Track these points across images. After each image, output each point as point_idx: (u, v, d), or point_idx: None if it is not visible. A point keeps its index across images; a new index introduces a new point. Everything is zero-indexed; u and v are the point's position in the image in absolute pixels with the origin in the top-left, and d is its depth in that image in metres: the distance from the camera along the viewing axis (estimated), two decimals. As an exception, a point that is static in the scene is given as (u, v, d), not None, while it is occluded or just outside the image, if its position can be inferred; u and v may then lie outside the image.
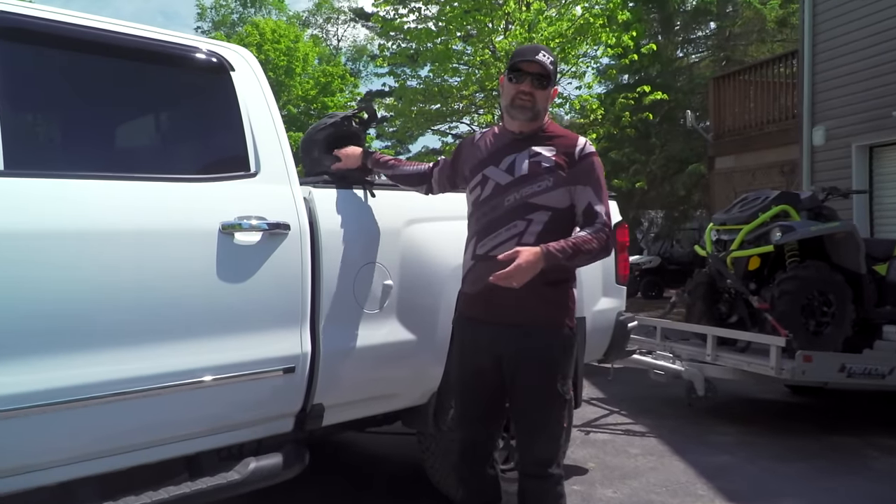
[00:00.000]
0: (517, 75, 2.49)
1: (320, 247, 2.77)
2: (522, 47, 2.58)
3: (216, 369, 2.45)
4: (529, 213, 2.44)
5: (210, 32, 32.76)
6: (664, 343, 6.05)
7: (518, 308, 2.44)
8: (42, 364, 2.09)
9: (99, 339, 2.21)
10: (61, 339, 2.14)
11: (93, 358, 2.19)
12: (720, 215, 6.04)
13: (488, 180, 2.52)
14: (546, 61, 2.47)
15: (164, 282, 2.34)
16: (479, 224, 2.53)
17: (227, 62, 2.70)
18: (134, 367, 2.28)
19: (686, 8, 16.82)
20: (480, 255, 2.50)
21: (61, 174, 2.22)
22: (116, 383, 2.24)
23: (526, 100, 2.47)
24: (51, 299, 2.12)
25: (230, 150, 2.69)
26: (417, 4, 14.51)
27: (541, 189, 2.44)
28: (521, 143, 2.53)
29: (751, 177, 11.99)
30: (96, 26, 2.40)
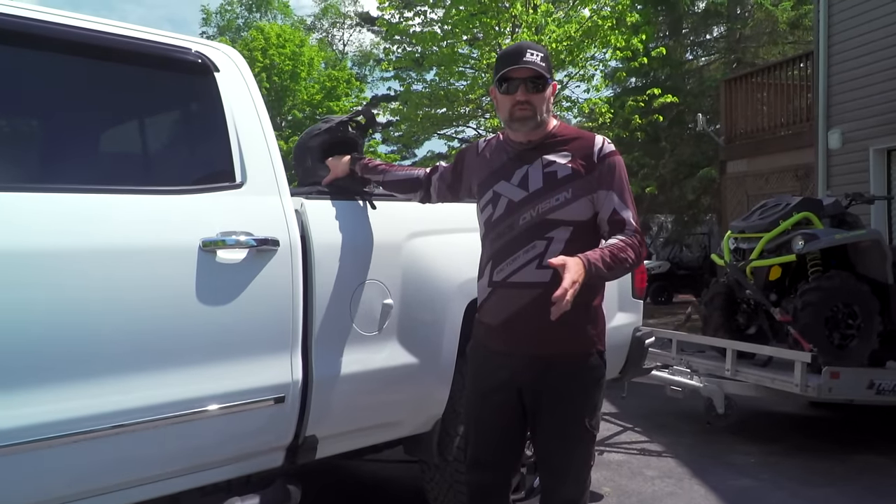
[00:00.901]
0: (508, 85, 2.20)
1: (313, 264, 2.53)
2: (505, 51, 2.28)
3: (194, 402, 2.21)
4: (548, 230, 2.17)
5: (215, 37, 32.65)
6: (680, 356, 5.79)
7: (540, 336, 2.17)
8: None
9: (57, 373, 1.97)
10: (13, 373, 1.90)
11: (50, 394, 1.95)
12: (738, 223, 5.78)
13: (500, 197, 2.24)
14: (536, 59, 2.17)
15: (134, 306, 2.10)
16: (494, 246, 2.25)
17: (211, 62, 2.47)
18: (100, 403, 2.04)
19: (696, 10, 16.55)
20: (498, 282, 2.23)
21: (14, 187, 1.99)
22: (80, 421, 2.00)
23: (525, 109, 2.19)
24: (6, 325, 1.89)
25: (213, 158, 2.45)
26: (423, 8, 14.34)
27: (559, 203, 2.16)
28: (531, 152, 2.25)
29: (764, 181, 11.72)
30: (57, 21, 2.15)
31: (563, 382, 2.19)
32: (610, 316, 3.70)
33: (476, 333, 2.41)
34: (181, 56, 2.41)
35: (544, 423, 2.22)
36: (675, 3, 15.24)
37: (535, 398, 2.22)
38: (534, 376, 2.20)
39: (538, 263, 2.15)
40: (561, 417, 2.20)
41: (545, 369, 2.19)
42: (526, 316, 2.16)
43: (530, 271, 2.16)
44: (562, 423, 2.20)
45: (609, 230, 2.20)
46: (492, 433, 2.32)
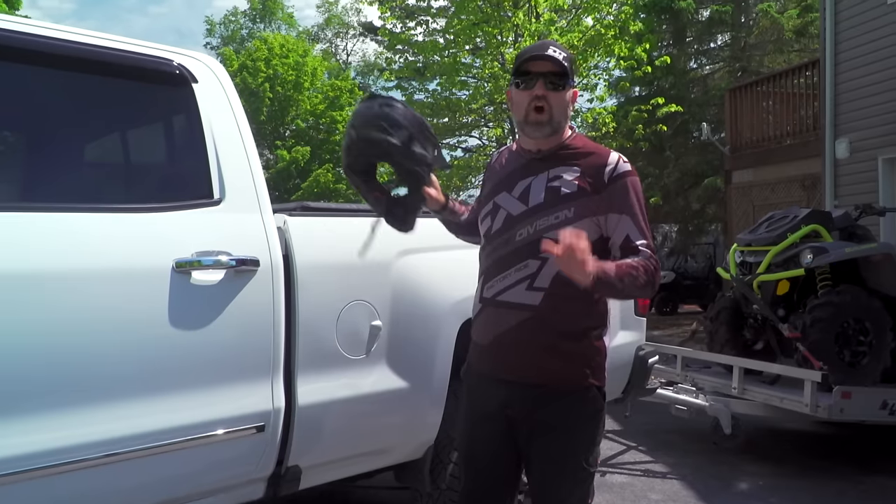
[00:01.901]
0: (526, 79, 2.00)
1: (296, 284, 2.40)
2: (526, 47, 2.08)
3: (167, 432, 2.09)
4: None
5: (219, 48, 32.70)
6: (685, 373, 5.63)
7: (532, 363, 1.99)
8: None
9: (20, 404, 1.84)
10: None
11: (14, 426, 1.82)
12: (745, 235, 5.63)
13: (499, 209, 2.06)
14: (559, 56, 1.97)
15: (102, 331, 1.98)
16: (489, 261, 2.08)
17: (188, 72, 2.34)
18: (63, 435, 1.91)
19: (700, 18, 16.43)
20: (488, 299, 2.06)
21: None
22: (47, 454, 1.88)
23: (541, 111, 1.98)
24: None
25: (189, 173, 2.33)
26: (425, 17, 14.27)
27: (559, 221, 1.95)
28: (539, 163, 2.06)
29: (770, 191, 11.57)
30: (29, 32, 2.03)
31: (556, 417, 1.99)
32: (611, 334, 3.57)
33: (470, 354, 2.21)
34: (156, 66, 2.29)
35: (537, 461, 2.04)
36: (678, 11, 15.11)
37: (527, 432, 2.04)
38: (525, 408, 2.01)
39: (529, 284, 1.97)
40: (555, 456, 2.01)
41: (536, 401, 2.00)
42: (513, 339, 1.99)
43: (520, 292, 1.98)
44: (556, 462, 2.01)
45: (621, 258, 1.98)
46: (484, 465, 2.14)
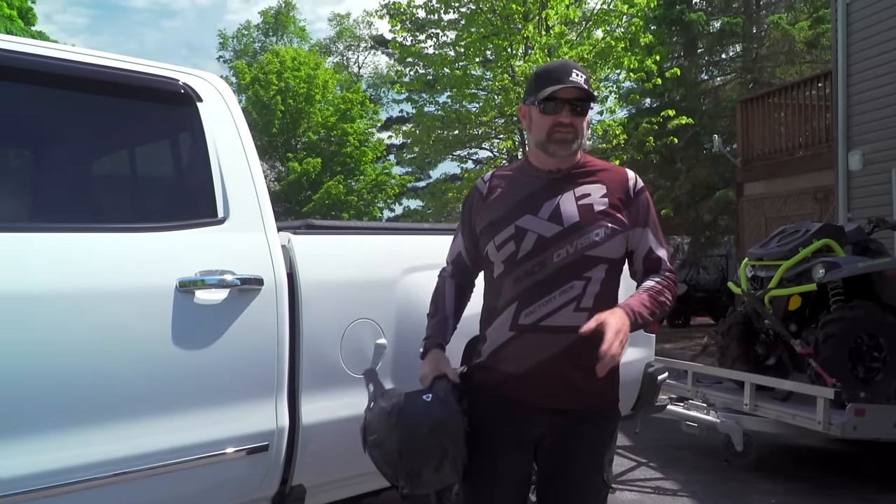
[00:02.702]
0: (551, 105, 1.98)
1: (301, 303, 2.39)
2: (548, 67, 2.06)
3: (170, 452, 2.07)
4: (587, 269, 1.96)
5: (232, 61, 32.95)
6: (696, 388, 5.57)
7: (571, 386, 1.98)
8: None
9: (25, 424, 1.84)
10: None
11: (13, 448, 1.82)
12: (756, 250, 5.58)
13: (526, 233, 1.98)
14: (582, 81, 1.98)
15: (107, 351, 1.97)
16: (521, 286, 1.98)
17: (193, 91, 2.35)
18: (73, 454, 1.91)
19: (710, 30, 16.41)
20: (527, 326, 1.96)
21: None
22: (51, 475, 1.87)
23: (567, 132, 1.98)
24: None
25: (194, 192, 2.33)
26: (435, 30, 14.34)
27: (599, 239, 1.96)
28: (559, 183, 2.03)
29: (782, 203, 11.49)
30: (32, 52, 2.04)
31: (587, 438, 2.02)
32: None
33: (482, 380, 2.08)
34: (161, 86, 2.30)
35: (562, 481, 2.03)
36: (689, 23, 15.10)
37: (552, 454, 2.03)
38: (556, 432, 2.01)
39: (576, 306, 1.94)
40: (581, 473, 2.02)
41: (571, 425, 2.00)
42: (558, 363, 1.95)
43: (567, 314, 1.94)
44: (582, 481, 2.03)
45: (644, 269, 2.06)
46: (497, 489, 2.05)
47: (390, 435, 1.95)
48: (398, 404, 1.98)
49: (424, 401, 1.96)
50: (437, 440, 1.92)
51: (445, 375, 2.01)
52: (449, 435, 1.93)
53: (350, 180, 25.35)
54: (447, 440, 1.93)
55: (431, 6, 13.45)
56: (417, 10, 13.71)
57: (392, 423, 1.95)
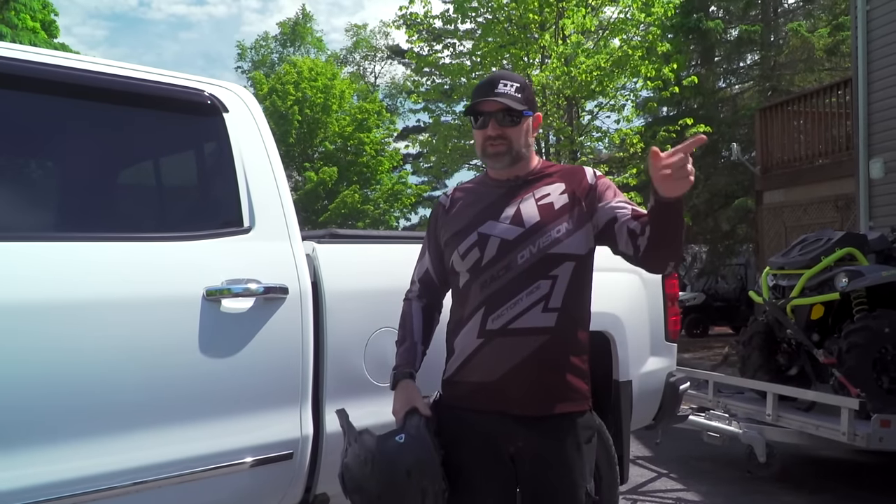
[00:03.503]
0: (477, 120, 2.01)
1: (325, 312, 2.40)
2: (478, 84, 2.06)
3: (196, 460, 2.09)
4: (552, 267, 1.95)
5: (250, 72, 33.23)
6: (717, 398, 5.53)
7: (544, 390, 1.94)
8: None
9: (47, 432, 1.86)
10: (6, 434, 1.79)
11: (41, 454, 1.84)
12: (777, 259, 5.55)
13: (489, 238, 1.98)
14: (510, 91, 1.98)
15: (132, 360, 1.99)
16: (487, 291, 1.96)
17: (219, 102, 2.37)
18: (101, 462, 1.93)
19: (728, 38, 16.35)
20: (495, 331, 1.94)
21: (12, 237, 1.89)
22: (71, 483, 1.88)
23: (498, 145, 2.00)
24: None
25: (220, 202, 2.35)
26: (452, 40, 14.40)
27: (560, 234, 1.95)
28: (519, 187, 2.05)
29: (802, 212, 11.39)
30: (62, 65, 2.08)
31: (565, 444, 1.95)
32: (641, 360, 3.52)
33: (449, 396, 2.06)
34: (187, 96, 2.32)
35: (547, 496, 1.96)
36: (706, 31, 15.06)
37: (530, 465, 1.96)
38: (534, 443, 1.95)
39: (544, 306, 1.92)
40: (564, 486, 1.95)
41: (545, 431, 1.95)
42: (530, 366, 1.92)
43: (535, 315, 1.92)
44: (559, 493, 1.95)
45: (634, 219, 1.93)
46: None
47: (367, 482, 1.92)
48: (371, 449, 1.94)
49: (398, 443, 1.92)
50: (416, 482, 1.89)
51: (417, 410, 1.98)
52: (427, 475, 1.90)
53: (366, 189, 25.43)
54: (425, 481, 1.89)
55: (448, 16, 13.50)
56: (434, 21, 13.77)
57: (367, 470, 1.92)
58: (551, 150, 13.39)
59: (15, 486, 1.79)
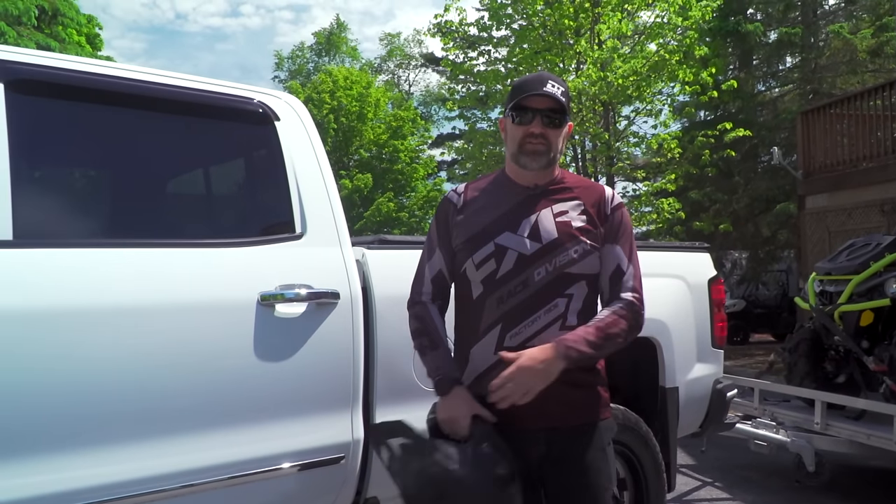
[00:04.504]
0: (522, 114, 1.95)
1: (374, 317, 2.43)
2: (524, 78, 2.01)
3: (250, 463, 2.13)
4: (568, 286, 1.94)
5: (286, 81, 33.68)
6: (763, 407, 5.43)
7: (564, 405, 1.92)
8: (42, 465, 1.81)
9: (115, 433, 1.92)
10: (70, 434, 1.85)
11: (107, 455, 1.90)
12: (824, 264, 5.45)
13: (506, 251, 1.93)
14: (557, 92, 1.93)
15: (191, 364, 2.04)
16: (505, 307, 1.93)
17: (272, 111, 2.42)
18: (158, 464, 1.98)
19: (767, 41, 16.11)
20: (514, 347, 1.89)
21: (75, 243, 1.96)
22: (136, 483, 1.93)
23: (538, 143, 1.94)
24: (58, 388, 1.84)
25: (273, 209, 2.40)
26: (487, 47, 14.42)
27: (577, 256, 1.93)
28: (538, 198, 1.99)
29: (846, 217, 11.16)
30: (120, 75, 2.14)
31: (588, 449, 1.95)
32: (688, 367, 3.49)
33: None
34: (241, 106, 2.37)
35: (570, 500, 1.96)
36: (745, 34, 14.86)
37: (556, 471, 1.95)
38: (554, 446, 1.94)
39: (562, 324, 1.92)
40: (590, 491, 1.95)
41: (567, 437, 1.94)
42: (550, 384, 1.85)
43: (553, 333, 1.90)
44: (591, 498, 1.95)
45: (609, 287, 1.98)
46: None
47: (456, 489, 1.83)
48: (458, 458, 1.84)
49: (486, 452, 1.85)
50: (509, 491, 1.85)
51: (480, 417, 1.90)
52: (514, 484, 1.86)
53: (401, 197, 25.57)
54: (514, 489, 1.86)
55: (483, 23, 13.53)
56: (469, 28, 13.81)
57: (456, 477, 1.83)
58: (587, 155, 13.31)
59: (69, 487, 1.84)
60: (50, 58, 2.12)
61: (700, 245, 3.86)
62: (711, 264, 3.75)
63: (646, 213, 12.69)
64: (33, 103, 2.05)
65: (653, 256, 3.40)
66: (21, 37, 12.01)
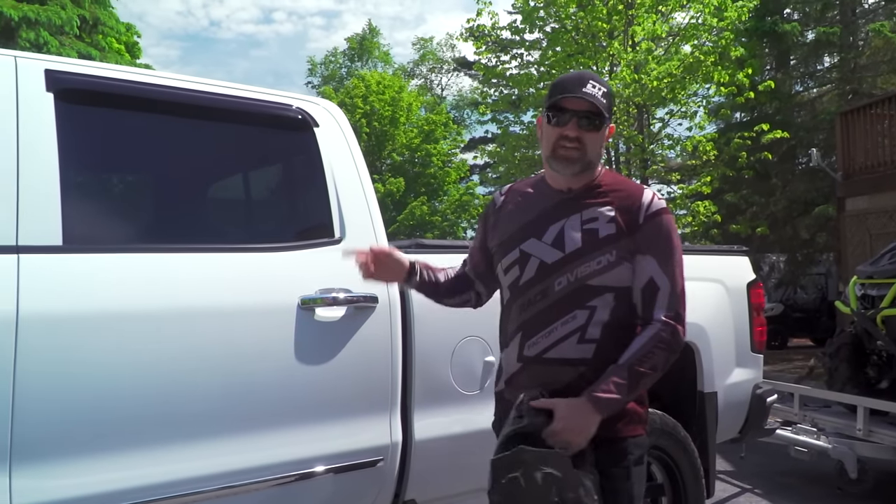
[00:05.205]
0: (559, 115, 1.83)
1: (412, 321, 2.45)
2: (564, 77, 1.92)
3: (289, 465, 2.16)
4: (590, 298, 1.81)
5: (320, 87, 33.99)
6: (803, 412, 5.34)
7: None
8: (88, 466, 1.86)
9: (157, 435, 1.96)
10: (112, 436, 1.90)
11: (149, 457, 1.94)
12: (866, 267, 5.35)
13: (529, 258, 1.86)
14: (597, 93, 1.81)
15: (233, 367, 2.08)
16: (525, 315, 1.86)
17: (311, 117, 2.46)
18: (198, 466, 2.01)
19: (804, 41, 15.84)
20: (530, 358, 1.84)
21: (122, 248, 2.01)
22: (175, 485, 1.97)
23: (572, 148, 1.82)
24: (102, 391, 1.89)
25: (312, 214, 2.44)
26: (519, 51, 14.41)
27: (601, 266, 1.80)
28: (569, 203, 1.87)
29: (888, 219, 10.93)
30: (163, 84, 2.20)
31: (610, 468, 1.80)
32: (727, 371, 3.45)
33: (499, 409, 2.01)
34: (281, 112, 2.41)
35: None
36: (782, 34, 14.64)
37: None
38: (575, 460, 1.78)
39: (580, 337, 1.80)
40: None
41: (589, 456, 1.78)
42: (570, 395, 1.77)
43: (570, 346, 1.80)
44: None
45: (642, 303, 1.83)
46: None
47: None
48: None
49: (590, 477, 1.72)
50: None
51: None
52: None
53: (434, 201, 25.61)
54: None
55: (516, 27, 13.52)
56: (501, 32, 13.81)
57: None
58: (621, 158, 13.23)
59: (119, 487, 1.89)
60: (97, 67, 2.18)
61: (739, 248, 3.82)
62: (750, 268, 3.71)
63: (681, 217, 12.55)
64: (81, 112, 2.11)
65: (691, 260, 3.34)
66: (63, 46, 12.31)
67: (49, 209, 1.91)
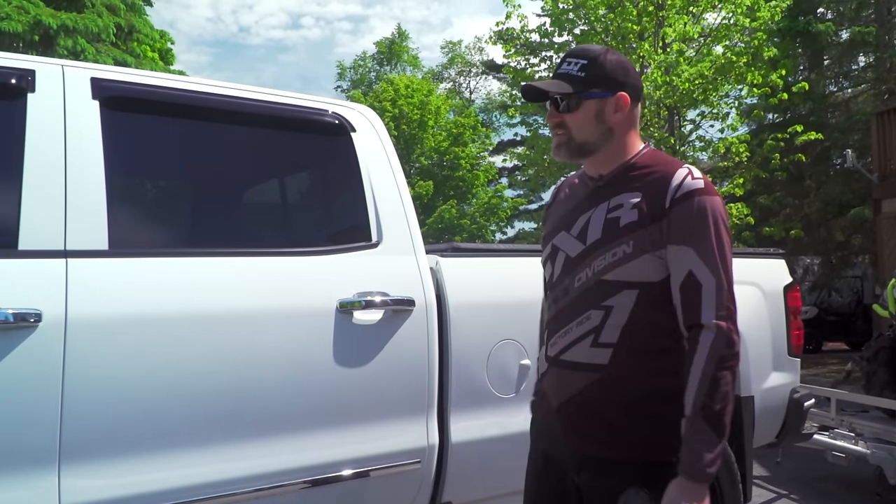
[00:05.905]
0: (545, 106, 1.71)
1: (448, 324, 2.46)
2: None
3: (330, 466, 2.19)
4: (607, 296, 1.61)
5: (349, 91, 34.21)
6: (840, 417, 5.26)
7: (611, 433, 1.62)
8: (130, 467, 1.90)
9: (199, 437, 2.00)
10: (154, 437, 1.94)
11: (190, 458, 1.98)
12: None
13: (558, 252, 1.72)
14: (571, 70, 1.65)
15: (273, 370, 2.11)
16: (550, 314, 1.74)
17: (348, 122, 2.49)
18: (239, 466, 2.05)
19: (839, 40, 15.59)
20: (552, 358, 1.71)
21: (166, 253, 2.05)
22: (218, 485, 2.01)
23: (559, 134, 1.68)
24: (148, 393, 1.93)
25: (349, 218, 2.46)
26: (548, 53, 14.37)
27: (617, 259, 1.59)
28: (600, 191, 1.69)
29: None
30: (202, 90, 2.24)
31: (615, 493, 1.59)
32: (763, 375, 3.42)
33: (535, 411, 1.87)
34: (318, 117, 2.45)
35: None
36: (816, 34, 14.43)
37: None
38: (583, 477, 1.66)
39: (594, 340, 1.61)
40: None
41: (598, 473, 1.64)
42: (582, 404, 1.64)
43: (583, 349, 1.63)
44: None
45: (682, 303, 1.57)
46: None
47: None
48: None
49: None
50: None
51: None
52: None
53: (462, 204, 25.62)
54: None
55: (545, 29, 13.49)
56: (530, 35, 13.79)
57: None
58: (652, 160, 13.11)
59: (158, 487, 1.93)
60: (139, 75, 2.23)
61: (775, 251, 3.78)
62: (787, 271, 3.67)
63: (713, 219, 12.37)
64: (125, 119, 2.16)
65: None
66: (100, 53, 12.55)
67: (95, 215, 1.96)
